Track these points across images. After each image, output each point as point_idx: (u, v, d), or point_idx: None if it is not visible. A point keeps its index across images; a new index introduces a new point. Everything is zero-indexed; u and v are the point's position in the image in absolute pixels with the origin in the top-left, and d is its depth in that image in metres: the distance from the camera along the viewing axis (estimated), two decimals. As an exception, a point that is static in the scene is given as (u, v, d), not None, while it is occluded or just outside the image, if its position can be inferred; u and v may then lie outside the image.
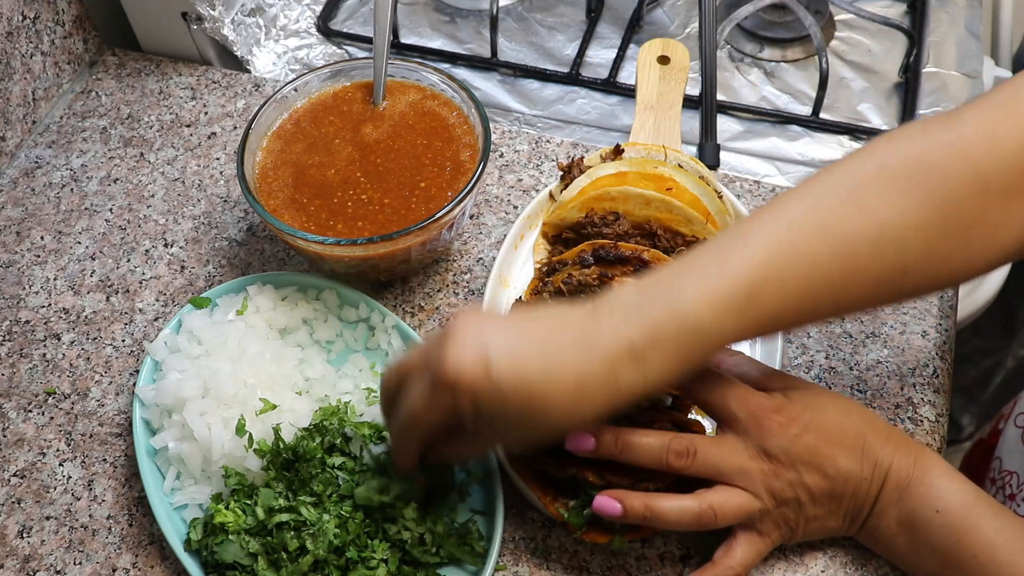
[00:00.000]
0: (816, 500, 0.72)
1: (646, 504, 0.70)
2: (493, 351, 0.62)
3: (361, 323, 0.90)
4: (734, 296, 0.63)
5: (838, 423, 0.72)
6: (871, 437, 0.72)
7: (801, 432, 0.70)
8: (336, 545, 0.75)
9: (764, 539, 0.73)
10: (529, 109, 1.11)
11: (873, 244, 0.64)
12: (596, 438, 0.71)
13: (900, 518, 0.72)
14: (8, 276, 0.99)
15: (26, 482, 0.86)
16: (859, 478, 0.71)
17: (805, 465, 0.70)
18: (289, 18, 1.19)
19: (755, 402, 0.72)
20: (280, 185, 0.90)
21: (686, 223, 0.89)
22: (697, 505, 0.70)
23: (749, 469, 0.70)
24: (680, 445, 0.70)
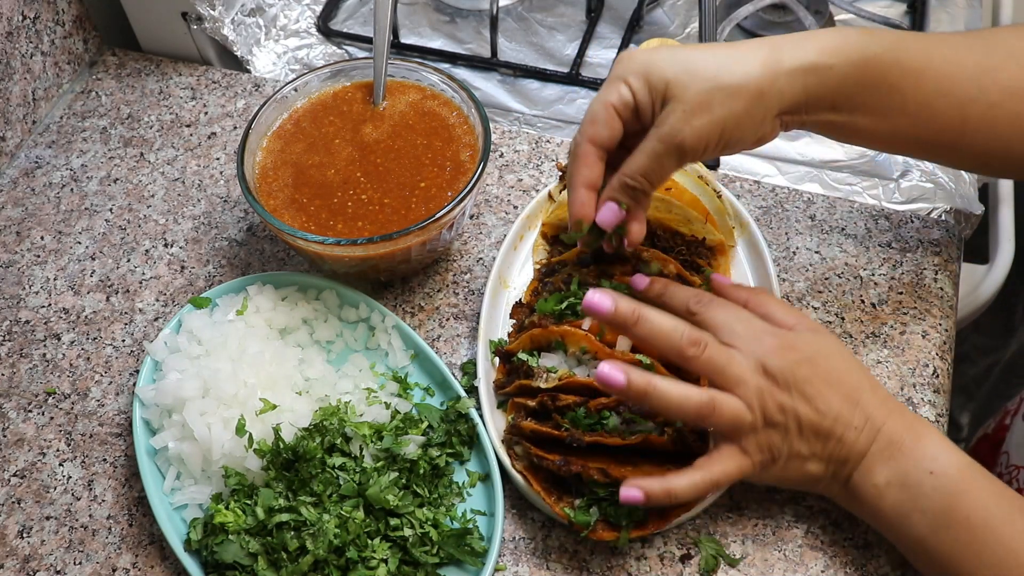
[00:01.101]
0: (803, 433, 0.72)
1: (648, 381, 0.70)
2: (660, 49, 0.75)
3: (361, 323, 0.90)
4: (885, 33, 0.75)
5: (838, 369, 0.73)
6: (868, 394, 0.73)
7: (801, 360, 0.72)
8: (336, 545, 0.75)
9: (746, 458, 0.73)
10: (529, 109, 1.11)
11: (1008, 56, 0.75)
12: (615, 302, 0.72)
13: (890, 477, 0.72)
14: (8, 276, 0.99)
15: (26, 482, 0.86)
16: (848, 424, 0.72)
17: (799, 393, 0.71)
18: (289, 18, 1.19)
19: (759, 326, 0.74)
20: (280, 185, 0.90)
21: (685, 223, 0.89)
22: (699, 395, 0.71)
23: (748, 380, 0.71)
24: (695, 334, 0.72)
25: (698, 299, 0.76)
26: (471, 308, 0.93)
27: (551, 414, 0.79)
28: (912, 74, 0.74)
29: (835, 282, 0.93)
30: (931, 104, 0.76)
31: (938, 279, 0.93)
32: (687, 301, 0.76)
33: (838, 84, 0.73)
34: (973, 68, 0.75)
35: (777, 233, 0.97)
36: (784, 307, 0.78)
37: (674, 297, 0.77)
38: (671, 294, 0.77)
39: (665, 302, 0.77)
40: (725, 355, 0.72)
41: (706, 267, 0.90)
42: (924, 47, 0.75)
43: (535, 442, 0.80)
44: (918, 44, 0.75)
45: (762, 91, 0.71)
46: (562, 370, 0.81)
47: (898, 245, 0.95)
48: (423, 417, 0.83)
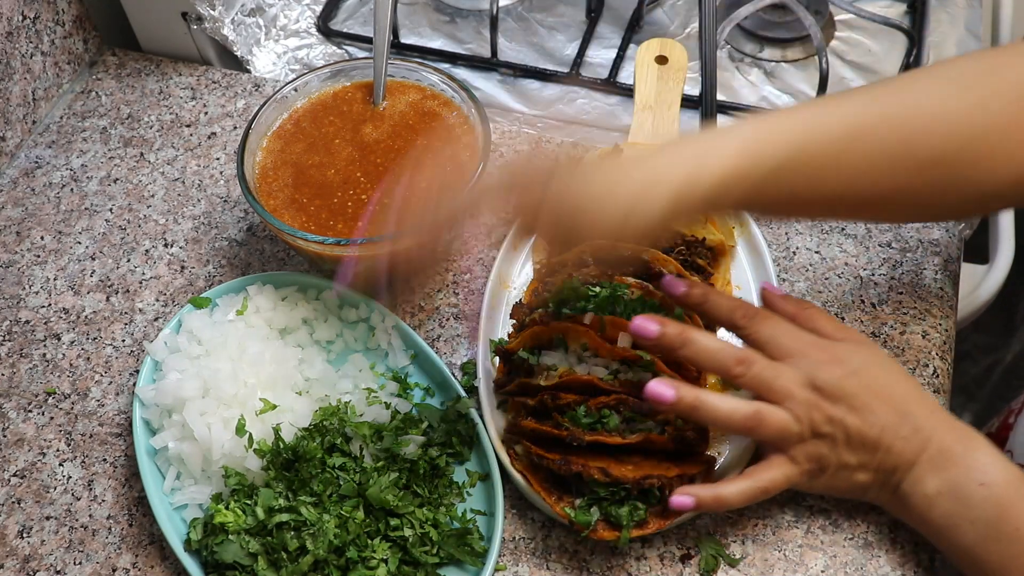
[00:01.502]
0: (851, 444, 0.72)
1: (696, 396, 0.71)
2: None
3: (361, 323, 0.90)
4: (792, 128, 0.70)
5: (887, 381, 0.74)
6: (917, 405, 0.73)
7: (848, 374, 0.72)
8: (336, 545, 0.75)
9: (794, 466, 0.73)
10: (529, 109, 1.11)
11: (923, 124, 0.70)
12: (661, 325, 0.73)
13: (940, 487, 0.71)
14: (8, 276, 0.99)
15: (26, 482, 0.86)
16: (896, 434, 0.72)
17: (847, 405, 0.72)
18: (289, 18, 1.19)
19: (807, 339, 0.74)
20: (280, 185, 0.90)
21: (686, 223, 0.89)
22: (746, 408, 0.71)
23: (796, 394, 0.72)
24: (741, 352, 0.73)
25: (744, 312, 0.76)
26: (471, 308, 0.93)
27: (551, 413, 0.79)
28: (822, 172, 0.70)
29: (835, 282, 0.93)
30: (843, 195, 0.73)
31: (938, 279, 0.93)
32: (732, 313, 0.76)
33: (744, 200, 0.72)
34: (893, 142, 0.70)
35: (777, 233, 0.97)
36: (832, 321, 0.78)
37: (718, 308, 0.77)
38: (714, 304, 0.77)
39: (707, 311, 0.77)
40: (772, 371, 0.72)
41: (706, 267, 0.90)
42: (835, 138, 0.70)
43: (535, 441, 0.79)
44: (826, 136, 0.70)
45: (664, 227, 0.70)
46: (562, 367, 0.81)
47: (898, 245, 0.95)
48: (423, 417, 0.83)
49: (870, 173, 0.71)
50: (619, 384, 0.78)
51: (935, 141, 0.70)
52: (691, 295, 0.77)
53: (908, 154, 0.70)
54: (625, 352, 0.80)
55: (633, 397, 0.78)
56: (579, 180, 0.70)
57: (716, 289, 0.78)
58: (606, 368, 0.80)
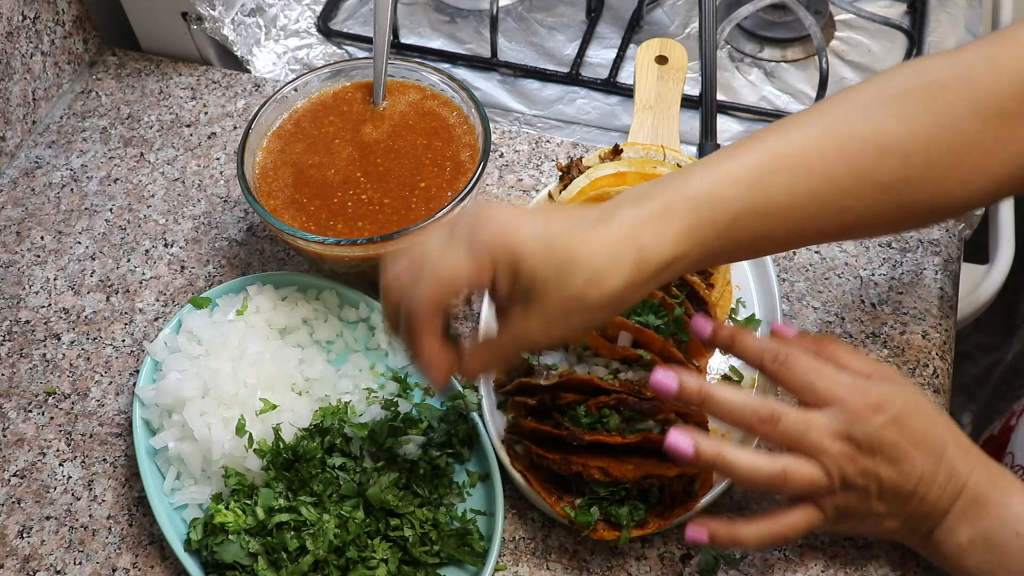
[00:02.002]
0: (884, 495, 0.69)
1: (718, 452, 0.68)
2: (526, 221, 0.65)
3: (361, 323, 0.90)
4: (744, 176, 0.66)
5: (924, 425, 0.70)
6: (953, 447, 0.70)
7: (887, 422, 0.68)
8: (336, 545, 0.75)
9: (819, 514, 0.70)
10: (529, 109, 1.11)
11: (879, 150, 0.67)
12: (680, 381, 0.69)
13: (973, 537, 0.69)
14: (8, 276, 0.99)
15: (26, 482, 0.86)
16: (932, 482, 0.69)
17: (883, 457, 0.68)
18: (289, 18, 1.19)
19: (845, 384, 0.70)
20: (280, 185, 0.90)
21: (686, 223, 0.89)
22: (771, 466, 0.68)
23: (828, 448, 0.68)
24: (765, 410, 0.69)
25: (773, 356, 0.71)
26: (471, 308, 0.93)
27: (551, 413, 0.79)
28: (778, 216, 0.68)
29: (835, 282, 0.93)
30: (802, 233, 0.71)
31: (938, 279, 0.93)
32: (761, 357, 0.72)
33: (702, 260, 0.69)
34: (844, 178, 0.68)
35: (777, 233, 0.96)
36: (856, 354, 0.74)
37: (746, 350, 0.73)
38: (742, 346, 0.73)
39: (736, 355, 0.74)
40: (801, 425, 0.68)
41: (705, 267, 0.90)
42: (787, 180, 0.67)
43: (535, 441, 0.79)
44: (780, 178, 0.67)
45: (626, 299, 0.67)
46: (563, 367, 0.81)
47: (898, 245, 0.95)
48: (423, 417, 0.83)
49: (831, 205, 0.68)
50: (619, 383, 0.78)
51: (895, 165, 0.68)
52: (719, 337, 0.73)
53: (870, 182, 0.68)
54: (625, 351, 0.80)
55: (633, 396, 0.78)
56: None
57: (744, 330, 0.74)
58: (606, 368, 0.80)
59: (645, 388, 0.79)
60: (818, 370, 0.71)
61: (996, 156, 0.69)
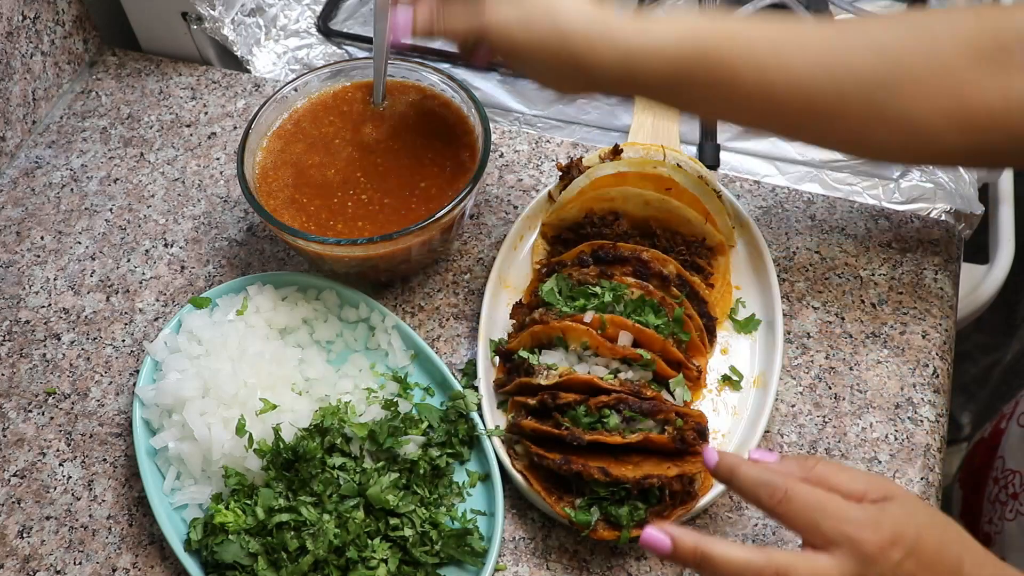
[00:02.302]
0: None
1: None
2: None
3: (361, 323, 0.90)
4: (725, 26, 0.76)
5: (938, 547, 0.65)
6: (968, 564, 0.65)
7: (903, 558, 0.63)
8: (336, 545, 0.75)
9: None
10: (529, 109, 1.11)
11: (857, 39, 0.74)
12: (673, 540, 0.65)
13: None
14: (8, 276, 0.99)
15: (26, 482, 0.86)
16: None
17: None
18: (289, 18, 1.19)
19: (853, 520, 0.64)
20: (280, 185, 0.90)
21: (685, 223, 0.89)
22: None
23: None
24: (771, 569, 0.63)
25: (771, 492, 0.66)
26: (471, 308, 0.93)
27: (551, 413, 0.79)
28: (753, 60, 0.74)
29: (835, 282, 0.93)
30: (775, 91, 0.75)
31: (938, 279, 0.93)
32: (757, 493, 0.67)
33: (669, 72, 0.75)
34: (822, 53, 0.74)
35: (777, 233, 0.97)
36: (845, 471, 0.68)
37: (744, 485, 0.67)
38: (741, 481, 0.68)
39: (734, 488, 0.69)
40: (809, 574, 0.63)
41: (706, 267, 0.90)
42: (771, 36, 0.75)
43: (535, 441, 0.80)
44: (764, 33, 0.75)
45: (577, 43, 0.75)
46: (563, 367, 0.81)
47: (898, 245, 0.95)
48: (423, 417, 0.83)
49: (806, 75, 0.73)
50: (619, 383, 0.78)
51: (870, 57, 0.73)
52: (720, 469, 0.68)
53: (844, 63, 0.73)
54: (626, 351, 0.80)
55: (633, 396, 0.78)
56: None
57: (744, 462, 0.68)
58: (606, 367, 0.80)
59: (645, 388, 0.79)
60: (821, 506, 0.65)
61: (970, 90, 0.72)
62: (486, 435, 0.82)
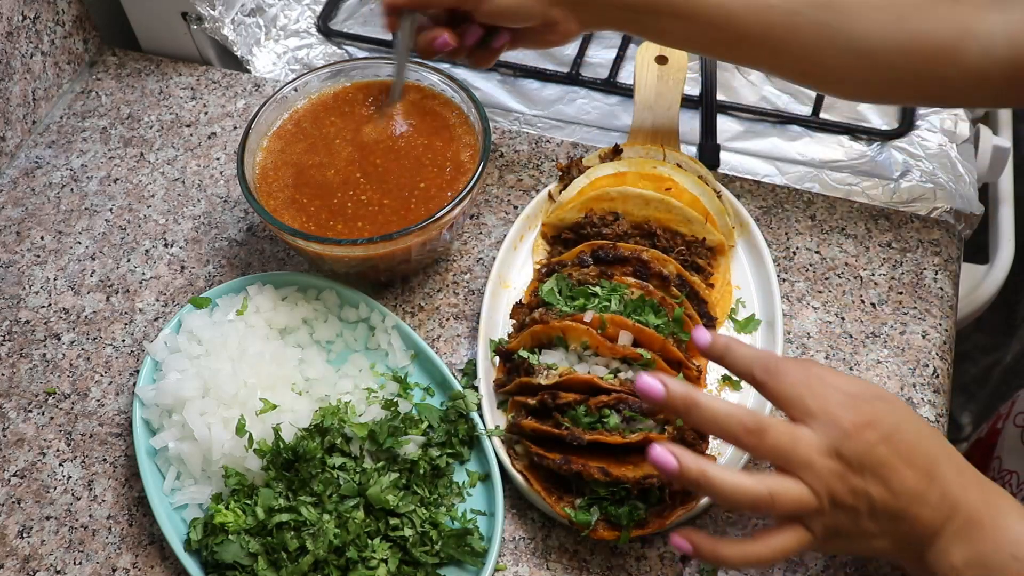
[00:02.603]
0: (874, 515, 0.67)
1: (702, 470, 0.66)
2: None
3: (361, 323, 0.90)
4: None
5: (915, 442, 0.68)
6: (945, 466, 0.68)
7: (878, 440, 0.66)
8: (336, 545, 0.75)
9: (807, 535, 0.68)
10: (529, 109, 1.11)
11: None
12: (666, 386, 0.68)
13: (969, 559, 0.67)
14: (8, 276, 0.99)
15: (26, 482, 0.86)
16: (924, 502, 0.66)
17: (873, 475, 0.66)
18: (289, 18, 1.19)
19: (835, 400, 0.67)
20: (280, 185, 0.90)
21: (685, 223, 0.89)
22: (755, 487, 0.66)
23: (816, 464, 0.66)
24: (752, 421, 0.66)
25: (763, 366, 0.69)
26: (471, 308, 0.93)
27: (551, 412, 0.79)
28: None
29: (835, 282, 0.93)
30: (729, 8, 0.80)
31: (938, 279, 0.93)
32: (751, 367, 0.70)
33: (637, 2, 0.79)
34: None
35: (777, 233, 0.97)
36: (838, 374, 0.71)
37: (737, 361, 0.71)
38: (734, 357, 0.71)
39: (727, 365, 0.72)
40: (789, 438, 0.66)
41: (706, 267, 0.90)
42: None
43: (535, 441, 0.80)
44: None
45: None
46: (563, 367, 0.81)
47: (898, 245, 0.95)
48: (423, 417, 0.83)
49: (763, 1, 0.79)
50: (619, 383, 0.78)
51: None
52: (715, 348, 0.71)
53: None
54: (626, 351, 0.80)
55: (633, 396, 0.78)
56: None
57: (738, 341, 0.72)
58: (606, 367, 0.80)
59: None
60: (808, 384, 0.68)
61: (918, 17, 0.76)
62: (486, 435, 0.82)
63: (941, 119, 1.07)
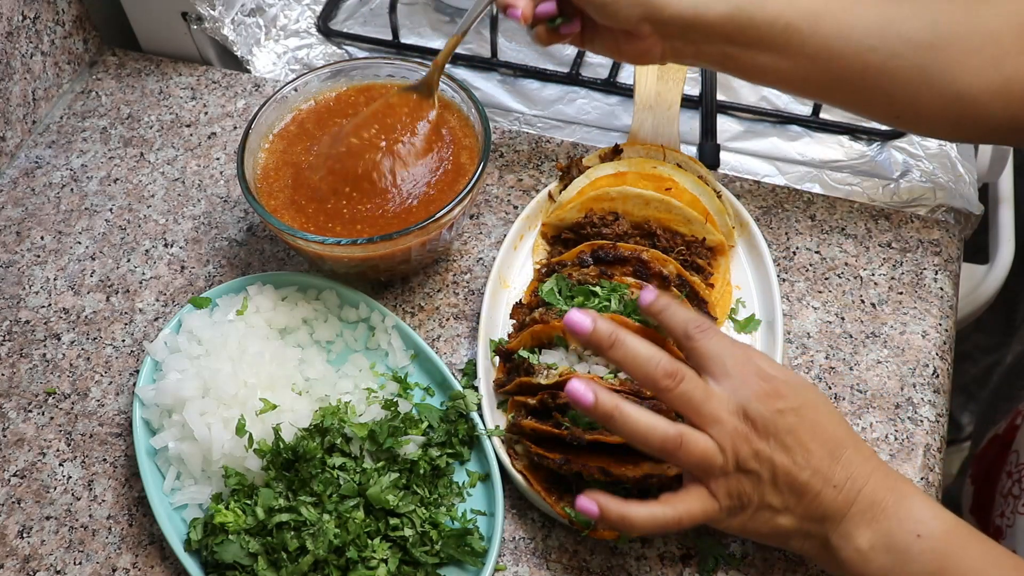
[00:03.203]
0: (777, 485, 0.69)
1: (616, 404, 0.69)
2: None
3: (361, 323, 0.90)
4: None
5: (823, 423, 0.70)
6: (852, 451, 0.70)
7: (786, 410, 0.69)
8: (336, 545, 0.75)
9: (712, 501, 0.69)
10: (529, 109, 1.11)
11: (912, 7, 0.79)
12: (594, 321, 0.70)
13: (874, 541, 0.68)
14: (8, 276, 0.99)
15: (26, 482, 0.86)
16: (828, 480, 0.69)
17: (778, 442, 0.68)
18: (289, 18, 1.19)
19: (754, 367, 0.70)
20: (281, 186, 0.90)
21: (685, 223, 0.89)
22: (667, 427, 0.68)
23: (725, 421, 0.68)
24: (672, 365, 0.68)
25: (697, 324, 0.72)
26: (471, 308, 0.93)
27: (551, 413, 0.79)
28: (809, 15, 0.78)
29: (835, 282, 0.93)
30: (830, 46, 0.79)
31: (938, 279, 0.93)
32: (686, 324, 0.72)
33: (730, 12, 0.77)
34: (875, 17, 0.78)
35: (777, 233, 0.97)
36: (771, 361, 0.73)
37: (673, 317, 0.73)
38: (671, 314, 0.73)
39: (663, 320, 0.74)
40: (702, 391, 0.69)
41: (706, 267, 0.90)
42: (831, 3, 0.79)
43: (535, 441, 0.80)
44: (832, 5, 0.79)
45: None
46: (563, 366, 0.81)
47: (898, 245, 0.95)
48: (423, 417, 0.83)
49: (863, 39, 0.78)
50: (619, 383, 0.78)
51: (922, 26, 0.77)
52: (655, 304, 0.74)
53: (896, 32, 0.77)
54: None
55: (634, 396, 0.78)
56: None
57: (680, 303, 0.75)
58: (606, 367, 0.80)
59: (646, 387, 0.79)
60: (732, 350, 0.71)
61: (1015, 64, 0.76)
62: (486, 435, 0.82)
63: (941, 119, 1.07)
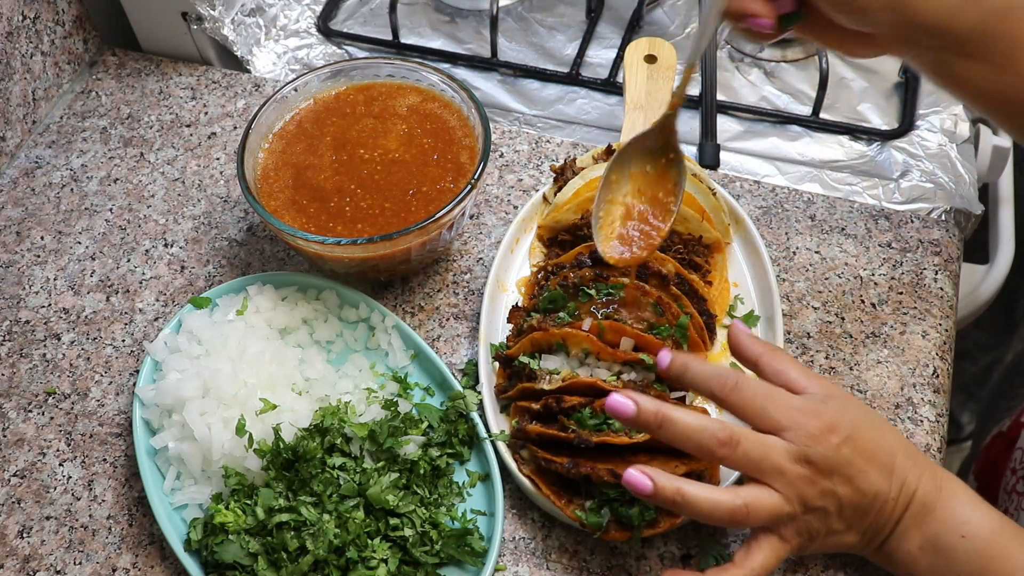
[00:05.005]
0: (843, 513, 0.71)
1: (677, 488, 0.68)
2: None
3: (361, 323, 0.90)
4: None
5: (874, 439, 0.71)
6: (902, 457, 0.71)
7: (841, 443, 0.69)
8: (336, 545, 0.75)
9: (784, 545, 0.71)
10: (529, 109, 1.11)
11: None
12: (637, 404, 0.70)
13: (923, 542, 0.71)
14: (8, 276, 0.99)
15: (26, 482, 0.86)
16: (886, 497, 0.70)
17: (840, 476, 0.69)
18: (289, 18, 1.19)
19: (797, 407, 0.70)
20: (281, 186, 0.90)
21: (682, 221, 0.89)
22: (731, 501, 0.68)
23: (787, 471, 0.69)
24: (724, 433, 0.68)
25: (722, 383, 0.72)
26: (471, 308, 0.93)
27: (556, 416, 0.79)
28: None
29: (835, 282, 0.93)
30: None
31: (938, 279, 0.93)
32: (709, 385, 0.72)
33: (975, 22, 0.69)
34: None
35: (777, 233, 0.97)
36: (798, 366, 0.75)
37: (696, 379, 0.73)
38: (692, 376, 0.73)
39: (686, 384, 0.74)
40: (760, 448, 0.69)
41: (703, 265, 0.90)
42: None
43: (541, 445, 0.79)
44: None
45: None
46: (565, 371, 0.80)
47: (898, 245, 0.95)
48: (423, 417, 0.83)
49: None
50: (623, 385, 0.78)
51: None
52: (672, 369, 0.74)
53: None
54: (627, 355, 0.79)
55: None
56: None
57: (696, 359, 0.74)
58: (608, 370, 0.80)
59: (649, 388, 0.79)
60: (770, 395, 0.71)
61: None
62: (491, 440, 0.82)
63: (941, 119, 1.07)
